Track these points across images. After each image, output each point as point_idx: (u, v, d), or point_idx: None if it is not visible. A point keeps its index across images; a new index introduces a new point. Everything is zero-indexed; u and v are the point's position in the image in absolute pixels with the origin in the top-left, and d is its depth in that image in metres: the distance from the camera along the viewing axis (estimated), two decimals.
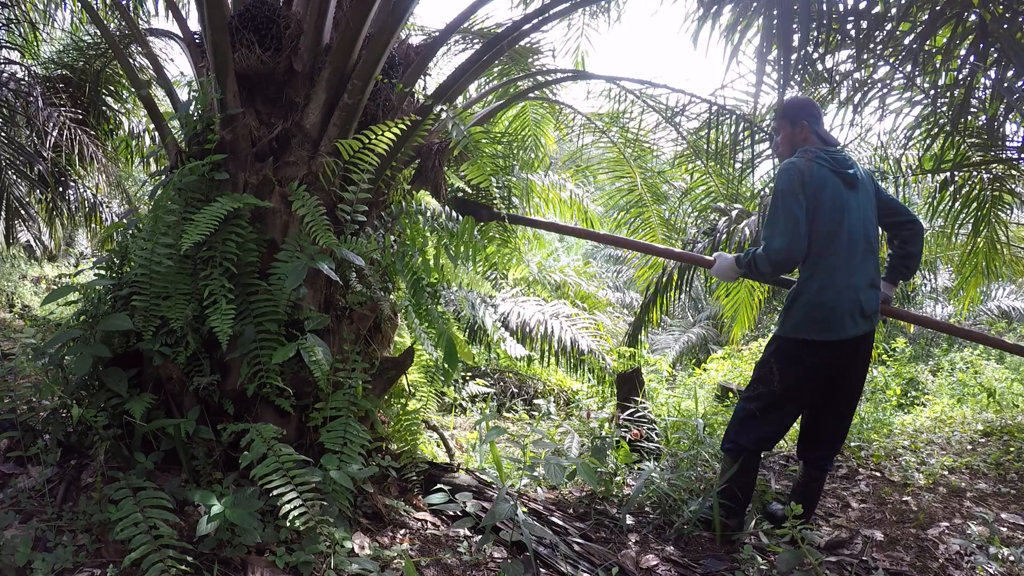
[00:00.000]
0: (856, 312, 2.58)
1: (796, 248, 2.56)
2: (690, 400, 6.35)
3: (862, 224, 2.65)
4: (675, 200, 5.78)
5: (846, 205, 2.61)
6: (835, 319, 2.56)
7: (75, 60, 6.03)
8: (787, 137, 2.85)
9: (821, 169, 2.62)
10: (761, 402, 2.72)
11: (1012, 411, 5.35)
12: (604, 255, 15.80)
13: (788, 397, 2.69)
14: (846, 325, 2.56)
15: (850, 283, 2.57)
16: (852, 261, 2.59)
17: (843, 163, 2.68)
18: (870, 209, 2.73)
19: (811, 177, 2.60)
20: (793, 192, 2.57)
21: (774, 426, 2.73)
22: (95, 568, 1.94)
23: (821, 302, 2.57)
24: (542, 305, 5.44)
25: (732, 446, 2.78)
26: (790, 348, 2.67)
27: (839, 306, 2.56)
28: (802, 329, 2.61)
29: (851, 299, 2.56)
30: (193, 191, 2.50)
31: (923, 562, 2.68)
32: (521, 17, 3.10)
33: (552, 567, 2.38)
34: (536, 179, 6.01)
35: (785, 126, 2.86)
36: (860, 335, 2.60)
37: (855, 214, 2.63)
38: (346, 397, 2.51)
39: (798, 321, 2.62)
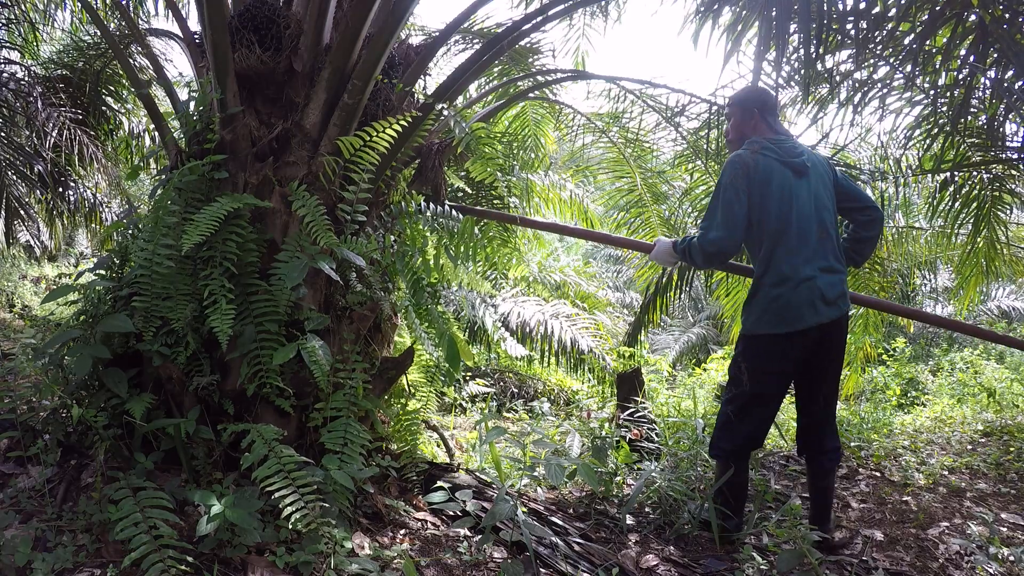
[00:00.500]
0: (816, 299, 2.53)
1: (730, 241, 2.57)
2: (690, 400, 6.35)
3: (814, 210, 2.61)
4: (675, 200, 5.77)
5: (794, 194, 2.59)
6: (793, 310, 2.53)
7: (75, 60, 6.03)
8: (736, 125, 2.82)
9: (767, 160, 2.60)
10: (736, 403, 2.71)
11: (1012, 411, 5.35)
12: (604, 255, 15.80)
13: (761, 394, 2.67)
14: (805, 315, 2.53)
15: (804, 272, 2.54)
16: (804, 250, 2.56)
17: (791, 152, 2.65)
18: (824, 195, 2.68)
19: (756, 171, 2.58)
20: (735, 186, 2.57)
21: (754, 426, 2.72)
22: (95, 568, 1.94)
23: (777, 294, 2.55)
24: (542, 305, 5.44)
25: (718, 451, 2.78)
26: (754, 345, 2.66)
27: (795, 296, 2.53)
28: (763, 324, 2.59)
29: (807, 288, 2.53)
30: (193, 191, 2.50)
31: (923, 562, 2.68)
32: (521, 17, 3.10)
33: (552, 567, 2.38)
34: (536, 179, 6.01)
35: (736, 113, 2.83)
36: (825, 322, 2.55)
37: (805, 202, 2.60)
38: (346, 397, 2.51)
39: (757, 316, 2.62)
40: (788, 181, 2.60)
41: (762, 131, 2.75)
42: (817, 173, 2.70)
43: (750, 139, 2.71)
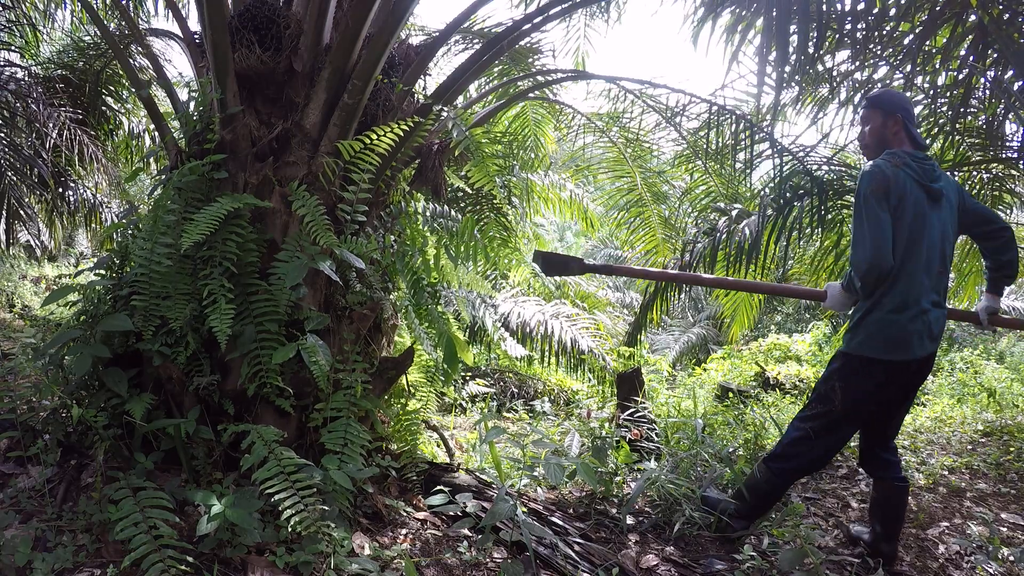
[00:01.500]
0: (925, 333, 2.44)
1: (883, 259, 2.38)
2: (690, 400, 6.35)
3: (940, 241, 2.50)
4: (675, 200, 5.78)
5: (927, 221, 2.45)
6: (905, 339, 2.42)
7: (75, 60, 6.03)
8: (876, 130, 2.61)
9: (906, 178, 2.44)
10: (819, 421, 2.59)
11: (1012, 411, 5.35)
12: (604, 255, 15.80)
13: (849, 416, 2.57)
14: (914, 346, 2.42)
15: (923, 302, 2.44)
16: (927, 279, 2.45)
17: (930, 175, 2.50)
18: (951, 226, 2.57)
19: (896, 184, 2.42)
20: (878, 197, 2.40)
21: (828, 447, 2.63)
22: (95, 568, 1.94)
23: (894, 320, 2.42)
24: (542, 305, 5.45)
25: (780, 467, 2.66)
26: (857, 366, 2.51)
27: (910, 326, 2.42)
28: (871, 347, 2.46)
29: (922, 319, 2.43)
30: (193, 191, 2.50)
31: (923, 562, 2.68)
32: (521, 17, 3.10)
33: (552, 567, 2.38)
34: (536, 179, 6.01)
35: (876, 117, 2.61)
36: (925, 356, 2.47)
37: (935, 230, 2.47)
38: (346, 397, 2.51)
39: (867, 337, 2.47)
40: (923, 206, 2.46)
41: (903, 142, 2.57)
42: (948, 203, 2.56)
43: (891, 150, 2.54)
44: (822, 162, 4.40)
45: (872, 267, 2.38)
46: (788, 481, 2.68)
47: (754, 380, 7.83)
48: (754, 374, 8.08)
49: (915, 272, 2.43)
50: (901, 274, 2.43)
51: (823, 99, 4.20)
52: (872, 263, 2.37)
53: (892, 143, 2.57)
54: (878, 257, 2.37)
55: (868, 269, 2.39)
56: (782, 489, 2.70)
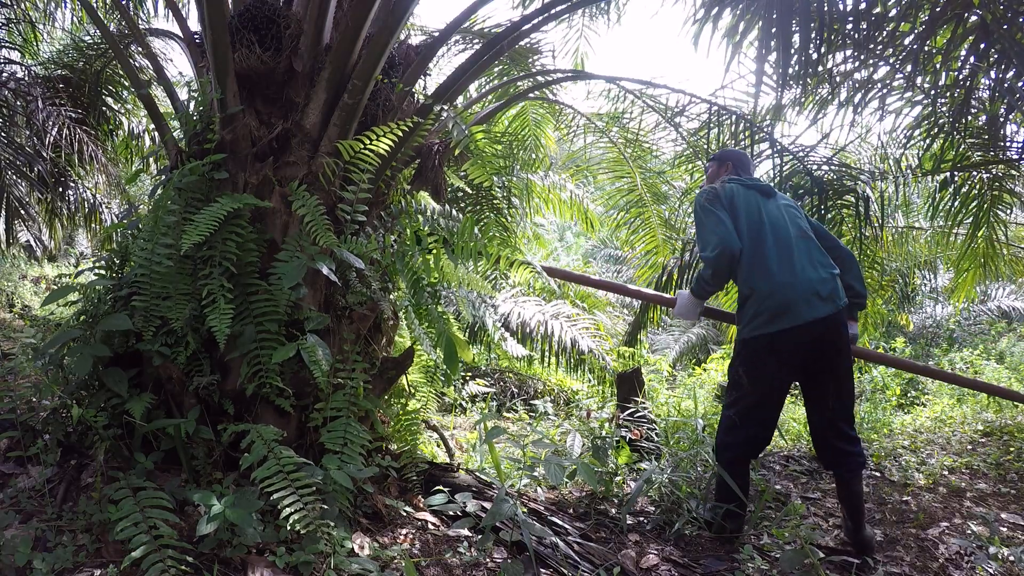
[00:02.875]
0: (810, 295, 2.59)
1: (729, 242, 2.66)
2: (690, 400, 6.35)
3: (784, 218, 2.76)
4: (675, 200, 5.78)
5: (764, 211, 2.75)
6: (788, 306, 2.58)
7: (75, 60, 6.02)
8: (712, 175, 3.11)
9: (731, 186, 2.82)
10: (738, 406, 2.73)
11: (1012, 411, 5.35)
12: (604, 255, 15.79)
13: (763, 396, 2.70)
14: (801, 310, 2.57)
15: (792, 269, 2.62)
16: (786, 251, 2.66)
17: (755, 182, 2.88)
18: (796, 211, 2.86)
19: (723, 191, 2.80)
20: (710, 203, 2.76)
21: (757, 428, 2.73)
22: (95, 568, 1.94)
23: (769, 293, 2.60)
24: (542, 305, 5.44)
25: (725, 457, 2.78)
26: (752, 347, 2.68)
27: (789, 292, 2.58)
28: (758, 325, 2.63)
29: (799, 283, 2.59)
30: (193, 191, 2.50)
31: (923, 562, 2.68)
32: (521, 17, 3.10)
33: (552, 567, 2.38)
34: (536, 179, 6.01)
35: (712, 167, 3.12)
36: (821, 317, 2.58)
37: (776, 216, 2.75)
38: (346, 397, 2.51)
39: (751, 319, 2.66)
40: (753, 198, 2.79)
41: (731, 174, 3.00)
42: (785, 198, 2.91)
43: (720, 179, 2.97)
44: (822, 162, 4.40)
45: (722, 252, 2.65)
46: (738, 468, 2.76)
47: None
48: None
49: (770, 249, 2.66)
50: (757, 256, 2.66)
51: (823, 99, 4.19)
52: (722, 249, 2.65)
53: None
54: (724, 242, 2.65)
55: (719, 254, 2.66)
56: (739, 476, 2.76)
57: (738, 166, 3.05)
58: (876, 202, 4.54)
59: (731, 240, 2.67)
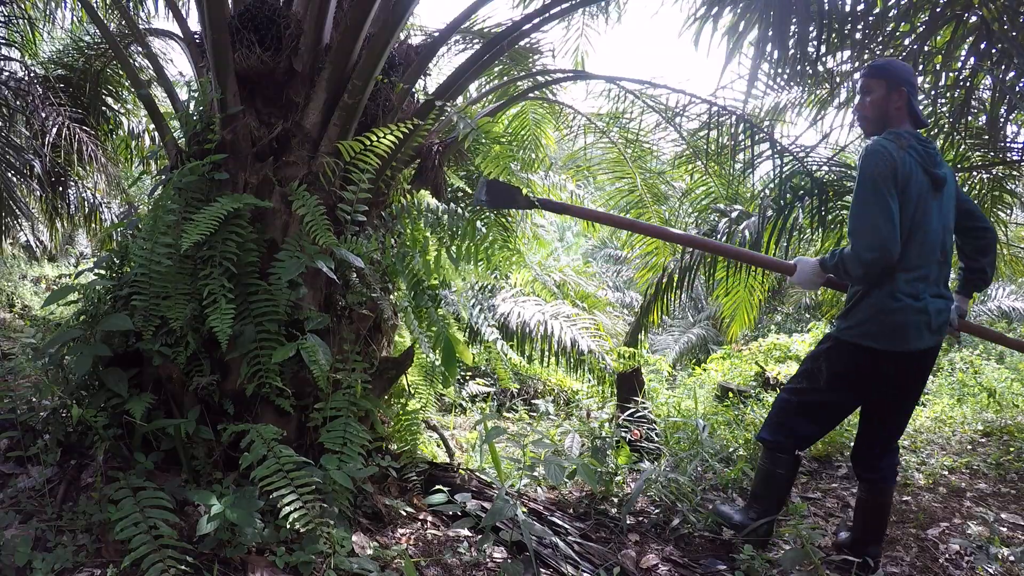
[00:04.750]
0: (923, 324, 2.30)
1: (892, 246, 2.21)
2: (690, 400, 6.35)
3: (941, 230, 2.36)
4: (675, 201, 5.78)
5: (929, 208, 2.30)
6: (902, 329, 2.28)
7: (75, 60, 6.02)
8: (878, 102, 2.40)
9: (912, 162, 2.28)
10: (804, 399, 2.52)
11: (1012, 411, 5.35)
12: (604, 255, 15.80)
13: (833, 401, 2.50)
14: (911, 337, 2.29)
15: (922, 292, 2.31)
16: (924, 271, 2.31)
17: (933, 159, 2.33)
18: (951, 216, 2.43)
19: (902, 168, 2.25)
20: (885, 179, 2.22)
21: (813, 428, 2.55)
22: (95, 568, 1.94)
23: (890, 308, 2.28)
24: (542, 305, 5.44)
25: (769, 437, 2.57)
26: (846, 352, 2.41)
27: (908, 316, 2.28)
28: (864, 334, 2.34)
29: (921, 309, 2.29)
30: (193, 191, 2.50)
31: (923, 562, 2.68)
32: (521, 17, 3.10)
33: (552, 567, 2.38)
34: (536, 179, 6.01)
35: (879, 88, 2.39)
36: (925, 349, 2.33)
37: (935, 219, 2.33)
38: (346, 397, 2.51)
39: (860, 323, 2.34)
40: (925, 190, 2.30)
41: (904, 119, 2.38)
42: (949, 191, 2.41)
43: (894, 130, 2.35)
44: (822, 163, 4.40)
45: (879, 258, 2.22)
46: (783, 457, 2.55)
47: (754, 380, 7.83)
48: (754, 374, 8.08)
49: (916, 261, 2.30)
50: (901, 262, 2.28)
51: (823, 100, 4.20)
52: (880, 254, 2.21)
53: (894, 119, 2.39)
54: (886, 248, 2.21)
55: (874, 260, 2.22)
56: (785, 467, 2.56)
57: (912, 93, 2.38)
58: None
59: (893, 246, 2.22)
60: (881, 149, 2.27)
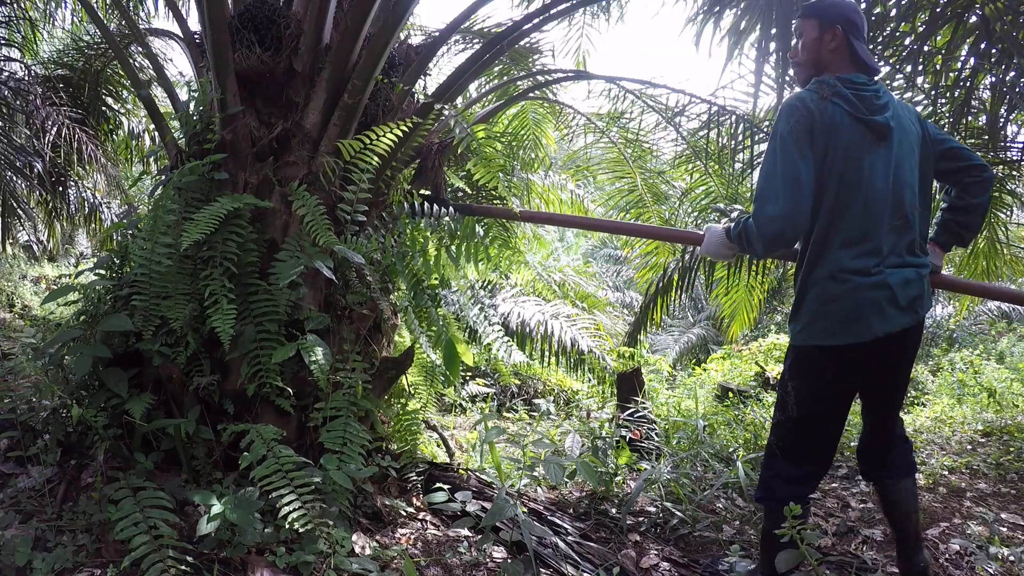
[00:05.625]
0: (886, 301, 1.94)
1: (797, 216, 1.92)
2: (690, 400, 6.35)
3: (890, 187, 1.97)
4: (675, 201, 5.78)
5: (866, 163, 1.95)
6: (857, 315, 1.94)
7: (75, 60, 6.02)
8: (809, 45, 2.08)
9: (837, 111, 1.95)
10: (782, 433, 2.14)
11: (1012, 411, 5.35)
12: (604, 255, 15.81)
13: (813, 421, 2.09)
14: (872, 321, 1.93)
15: (874, 265, 1.95)
16: (873, 238, 1.95)
17: (871, 104, 1.97)
18: (908, 167, 2.02)
19: (822, 122, 1.93)
20: (797, 140, 1.92)
21: (808, 461, 2.13)
22: (95, 568, 1.94)
23: (835, 294, 1.95)
24: (542, 305, 5.44)
25: (763, 495, 2.18)
26: (804, 360, 2.08)
27: (860, 296, 1.93)
28: (814, 333, 2.01)
29: (878, 284, 1.93)
30: (193, 191, 2.50)
31: None
32: (521, 17, 3.10)
33: (552, 567, 2.38)
34: (536, 179, 6.01)
35: (810, 29, 2.07)
36: (897, 331, 1.96)
37: (879, 174, 1.96)
38: (346, 397, 2.51)
39: (807, 323, 2.02)
40: (859, 144, 1.95)
41: (843, 63, 2.05)
42: (904, 136, 2.02)
43: (820, 78, 2.03)
44: None
45: (784, 227, 1.92)
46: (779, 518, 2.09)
47: (754, 380, 7.84)
48: (754, 374, 8.09)
49: (851, 230, 1.95)
50: (832, 235, 1.96)
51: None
52: (785, 221, 1.91)
53: (830, 64, 2.06)
54: (792, 214, 1.91)
55: (781, 228, 1.92)
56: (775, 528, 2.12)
57: (852, 32, 2.03)
58: None
59: (800, 214, 1.92)
60: (795, 102, 1.97)
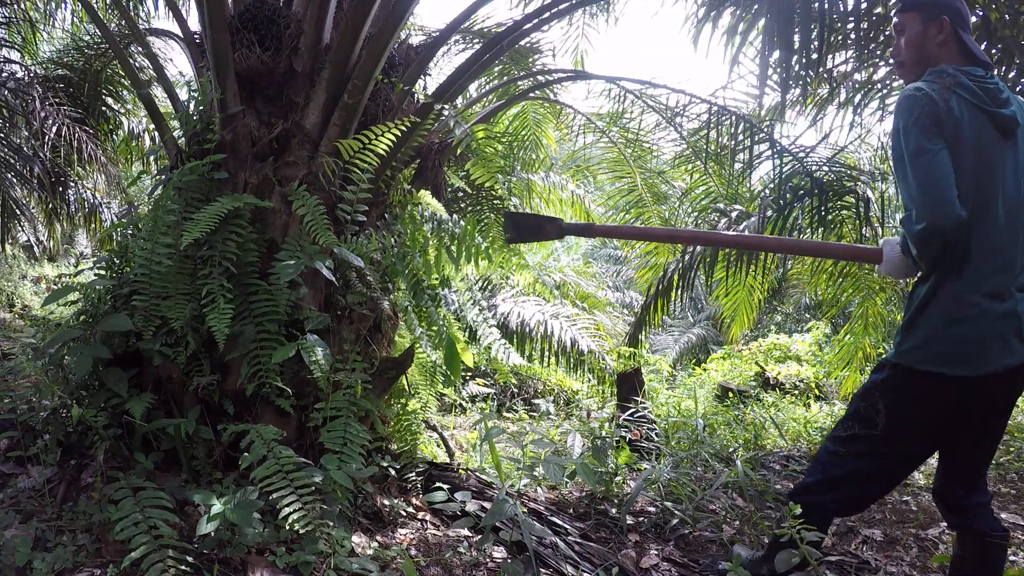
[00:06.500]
0: (1012, 333, 1.69)
1: (948, 207, 1.62)
2: (690, 400, 6.35)
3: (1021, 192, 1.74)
4: (675, 200, 5.78)
5: (997, 162, 1.70)
6: (979, 344, 1.69)
7: (75, 60, 6.03)
8: (914, 41, 1.87)
9: (962, 104, 1.71)
10: (857, 446, 1.92)
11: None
12: (604, 255, 15.81)
13: (897, 447, 1.89)
14: (991, 354, 1.69)
15: (1006, 286, 1.70)
16: (1010, 250, 1.70)
17: (994, 96, 1.74)
18: None
19: (948, 114, 1.69)
20: (926, 130, 1.67)
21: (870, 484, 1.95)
22: (95, 568, 1.94)
23: (961, 317, 1.70)
24: (542, 305, 5.44)
25: (806, 500, 2.00)
26: (909, 381, 1.82)
27: (984, 327, 1.68)
28: (930, 357, 1.75)
29: (1007, 313, 1.69)
30: (193, 191, 2.50)
31: (923, 562, 2.68)
32: (521, 17, 3.10)
33: (552, 567, 2.38)
34: (537, 179, 6.01)
35: (913, 23, 1.87)
36: (1015, 365, 1.71)
37: (1010, 176, 1.71)
38: (346, 397, 2.51)
39: (923, 344, 1.76)
40: (989, 142, 1.71)
41: (952, 56, 1.83)
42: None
43: (935, 68, 1.81)
44: (822, 163, 4.40)
45: (933, 228, 1.64)
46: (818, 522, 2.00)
47: (754, 380, 7.85)
48: (754, 374, 8.10)
49: (986, 243, 1.69)
50: (966, 247, 1.71)
51: (823, 100, 4.20)
52: (932, 222, 1.63)
53: (939, 61, 1.84)
54: (940, 211, 1.62)
55: (927, 231, 1.65)
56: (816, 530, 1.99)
57: (958, 24, 1.82)
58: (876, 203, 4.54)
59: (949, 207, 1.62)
60: (914, 92, 1.73)
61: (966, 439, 1.90)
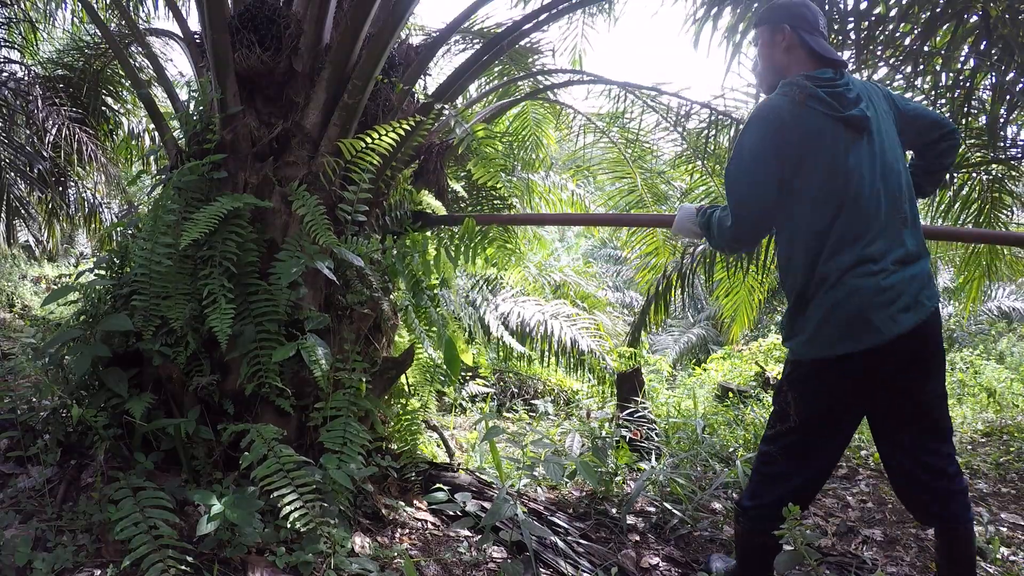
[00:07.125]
0: (889, 303, 1.81)
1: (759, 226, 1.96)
2: (690, 400, 6.36)
3: (881, 181, 1.87)
4: (675, 200, 5.78)
5: (851, 163, 1.85)
6: (860, 321, 1.81)
7: (75, 60, 6.03)
8: (763, 52, 2.03)
9: (813, 116, 1.84)
10: (782, 443, 1.98)
11: (1012, 411, 5.35)
12: (604, 255, 15.82)
13: (815, 434, 1.95)
14: (878, 325, 1.80)
15: (871, 266, 1.82)
16: (869, 236, 1.84)
17: (843, 100, 1.87)
18: (891, 150, 1.92)
19: (796, 130, 1.84)
20: (763, 153, 1.86)
21: (803, 475, 1.99)
22: (95, 568, 1.94)
23: (835, 302, 1.83)
24: (542, 305, 5.44)
25: (750, 504, 2.03)
26: (807, 371, 1.94)
27: (861, 300, 1.81)
28: (817, 344, 1.87)
29: (876, 288, 1.81)
30: (193, 191, 2.50)
31: (923, 562, 2.68)
32: (521, 17, 3.10)
33: (552, 567, 2.38)
34: (537, 179, 6.02)
35: (762, 36, 2.02)
36: (904, 333, 1.81)
37: (866, 172, 1.86)
38: (346, 397, 2.51)
39: (810, 335, 1.88)
40: (840, 145, 1.85)
41: (802, 62, 1.95)
42: (881, 122, 1.93)
43: (786, 80, 1.92)
44: None
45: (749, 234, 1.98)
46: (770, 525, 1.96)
47: (754, 380, 7.84)
48: (754, 374, 8.09)
49: (848, 233, 1.84)
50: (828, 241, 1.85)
51: None
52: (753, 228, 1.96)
53: (789, 65, 1.97)
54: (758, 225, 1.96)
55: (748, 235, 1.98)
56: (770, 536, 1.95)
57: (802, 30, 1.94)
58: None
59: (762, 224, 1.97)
60: (767, 114, 1.88)
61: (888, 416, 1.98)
